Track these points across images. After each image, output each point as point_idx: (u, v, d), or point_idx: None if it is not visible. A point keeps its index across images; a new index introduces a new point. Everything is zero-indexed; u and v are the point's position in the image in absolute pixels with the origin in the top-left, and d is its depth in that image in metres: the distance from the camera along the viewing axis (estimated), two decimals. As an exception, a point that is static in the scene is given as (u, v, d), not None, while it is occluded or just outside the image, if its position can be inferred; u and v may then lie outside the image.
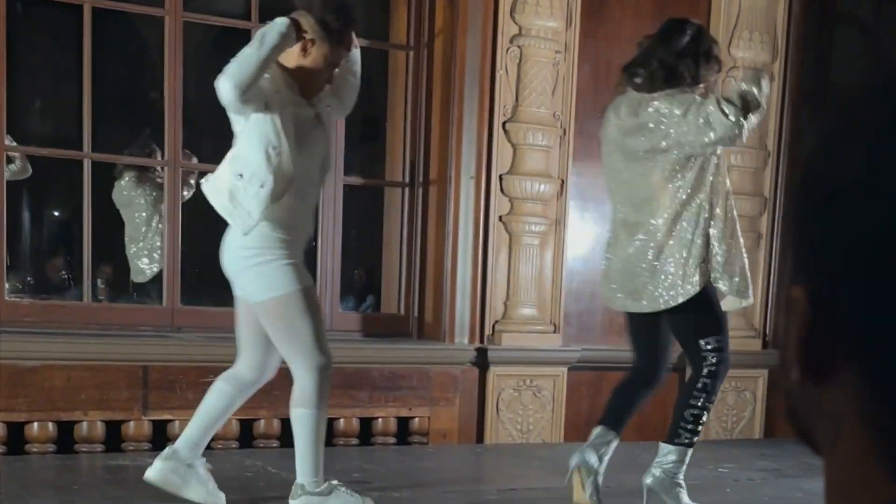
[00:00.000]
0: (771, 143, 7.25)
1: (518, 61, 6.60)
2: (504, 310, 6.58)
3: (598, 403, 6.80)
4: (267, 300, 4.22)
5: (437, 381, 6.39)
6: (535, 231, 6.64)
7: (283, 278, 4.20)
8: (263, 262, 4.20)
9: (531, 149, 6.63)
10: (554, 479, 5.41)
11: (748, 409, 7.17)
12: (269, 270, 4.20)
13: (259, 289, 4.23)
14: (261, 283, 4.21)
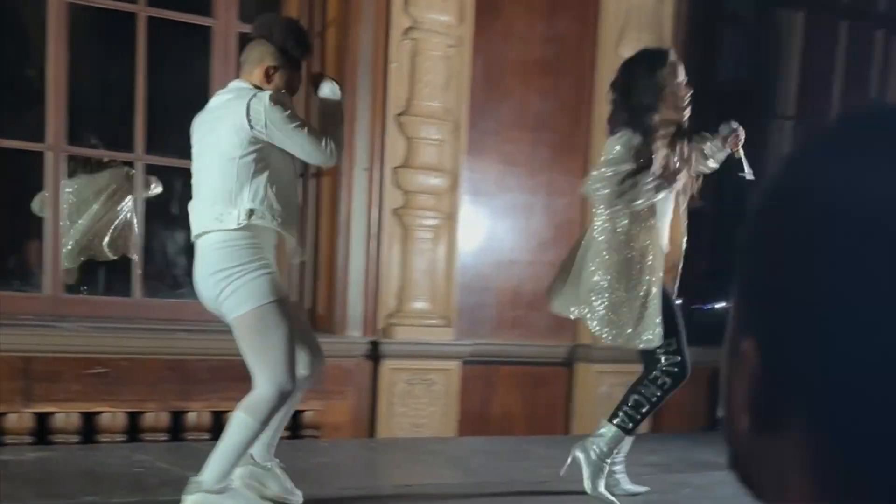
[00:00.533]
0: (658, 142, 7.35)
1: (411, 54, 6.57)
2: (397, 303, 6.55)
3: (490, 397, 6.84)
4: (245, 313, 4.19)
5: (329, 374, 6.28)
6: (429, 225, 6.62)
7: (260, 289, 4.18)
8: (241, 276, 4.16)
9: (424, 142, 6.61)
10: (449, 473, 5.42)
11: (635, 404, 7.26)
12: (247, 283, 4.16)
13: (237, 303, 4.19)
14: (239, 296, 4.17)
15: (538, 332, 6.98)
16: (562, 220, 7.14)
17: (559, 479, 5.31)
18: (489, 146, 6.93)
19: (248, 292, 4.15)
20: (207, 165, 4.22)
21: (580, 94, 7.21)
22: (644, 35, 7.24)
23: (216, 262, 4.17)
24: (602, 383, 7.14)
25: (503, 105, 7.00)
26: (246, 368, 6.03)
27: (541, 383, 7.03)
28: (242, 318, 4.21)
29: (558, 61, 7.16)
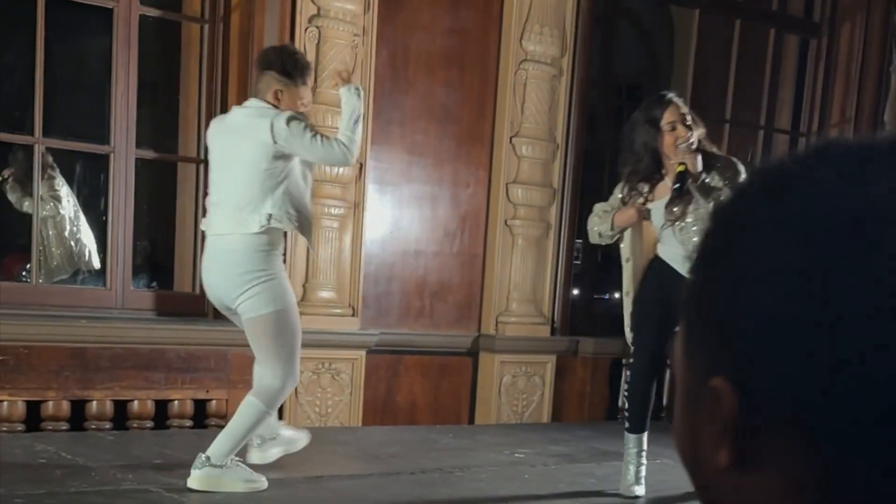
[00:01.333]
0: (560, 135, 7.45)
1: (317, 42, 6.53)
2: (303, 292, 6.50)
3: (395, 386, 6.86)
4: (267, 314, 4.70)
5: (235, 362, 6.25)
6: (334, 214, 6.60)
7: (281, 294, 4.74)
8: (266, 280, 4.68)
9: (329, 131, 6.53)
10: (358, 465, 5.41)
11: (537, 394, 7.34)
12: (271, 287, 4.69)
13: (261, 304, 4.68)
14: (263, 298, 4.68)
15: (443, 321, 7.02)
16: (467, 211, 7.19)
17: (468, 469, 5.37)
18: (395, 136, 6.94)
19: (271, 296, 4.67)
20: (231, 177, 4.72)
21: (484, 85, 7.26)
22: (546, 28, 7.33)
23: (244, 264, 4.66)
24: (505, 373, 7.21)
25: (408, 96, 7.00)
26: (148, 357, 6.00)
27: (445, 373, 7.07)
28: (264, 318, 4.71)
29: (463, 53, 7.19)
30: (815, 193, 0.70)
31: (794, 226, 0.70)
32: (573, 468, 5.66)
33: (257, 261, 4.67)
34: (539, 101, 7.32)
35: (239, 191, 4.68)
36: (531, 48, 7.30)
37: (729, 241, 0.74)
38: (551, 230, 7.45)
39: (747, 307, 0.70)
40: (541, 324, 7.35)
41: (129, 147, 6.43)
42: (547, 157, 7.41)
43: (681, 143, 4.86)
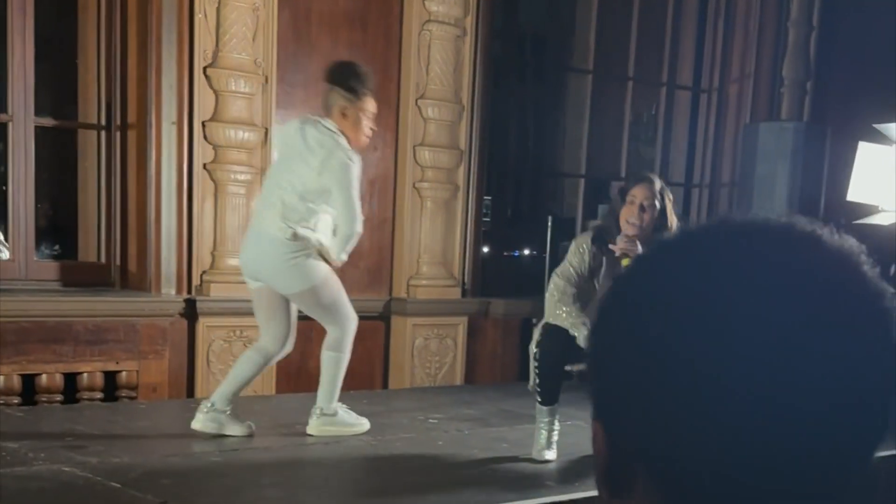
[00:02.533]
0: (465, 96, 7.44)
1: (217, 5, 6.44)
2: (212, 260, 6.45)
3: (308, 352, 6.82)
4: (308, 289, 5.18)
5: (145, 333, 6.18)
6: (241, 180, 6.53)
7: (315, 269, 5.18)
8: (302, 258, 5.12)
9: (234, 96, 6.50)
10: (273, 436, 5.38)
11: (450, 356, 7.38)
12: (306, 264, 5.14)
13: (298, 280, 5.16)
14: (300, 275, 5.15)
15: (354, 285, 6.97)
16: (375, 174, 7.16)
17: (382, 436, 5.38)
18: (299, 100, 6.87)
19: (305, 273, 5.15)
20: (285, 183, 5.12)
21: (389, 47, 7.22)
22: (450, -13, 7.29)
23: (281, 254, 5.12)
24: (417, 336, 7.24)
25: (312, 58, 6.93)
26: (56, 330, 5.91)
27: (358, 337, 6.96)
28: (306, 293, 5.21)
29: (365, 13, 7.13)
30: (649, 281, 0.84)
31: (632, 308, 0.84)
32: (486, 433, 5.69)
33: (284, 251, 5.12)
34: (444, 63, 7.31)
35: (286, 197, 5.11)
36: (434, 8, 7.27)
37: (603, 311, 0.88)
38: (459, 192, 7.46)
39: (607, 368, 0.85)
40: (452, 286, 7.37)
41: (27, 115, 6.29)
42: (453, 118, 7.40)
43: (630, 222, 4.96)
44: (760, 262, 0.80)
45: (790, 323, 0.77)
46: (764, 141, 7.40)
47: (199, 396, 6.31)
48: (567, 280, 5.04)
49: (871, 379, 0.78)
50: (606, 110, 8.85)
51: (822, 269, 0.80)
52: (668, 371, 0.78)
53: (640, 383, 0.80)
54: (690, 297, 0.80)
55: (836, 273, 0.81)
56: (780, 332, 0.76)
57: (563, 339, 4.94)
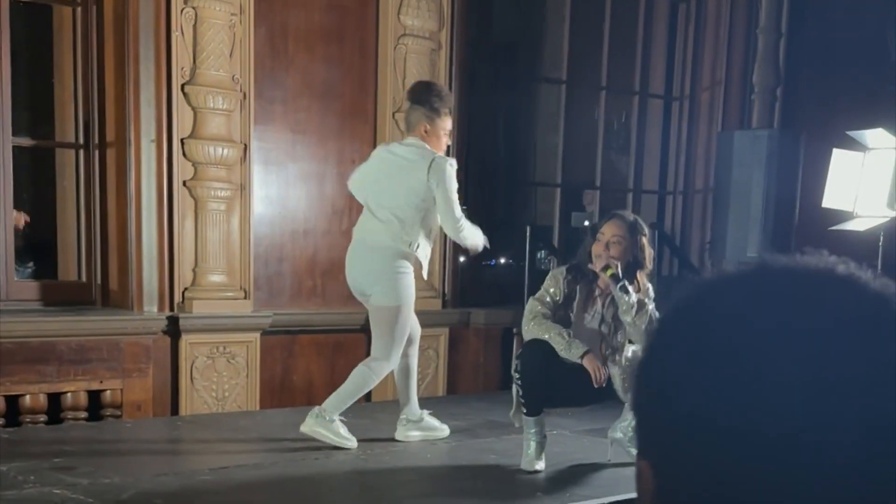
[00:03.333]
0: (442, 108, 7.47)
1: (194, 23, 6.45)
2: (193, 276, 6.46)
3: (291, 367, 6.87)
4: (394, 306, 5.48)
5: (128, 351, 6.19)
6: (221, 196, 6.55)
7: (408, 292, 5.53)
8: (404, 275, 5.50)
9: (212, 112, 6.51)
10: (263, 451, 5.40)
11: (432, 367, 7.41)
12: (404, 282, 5.50)
13: (389, 295, 5.48)
14: (395, 290, 5.47)
15: (336, 299, 7.02)
16: (354, 188, 7.18)
17: (371, 450, 5.40)
18: (278, 115, 6.90)
19: (396, 292, 5.46)
20: (390, 197, 5.51)
21: (365, 61, 7.26)
22: (423, 3, 7.34)
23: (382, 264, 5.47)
24: (399, 347, 7.26)
25: (289, 73, 6.96)
26: (39, 350, 5.90)
27: (340, 350, 7.08)
28: (388, 309, 5.49)
29: (341, 28, 7.17)
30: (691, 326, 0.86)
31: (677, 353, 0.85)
32: (474, 444, 5.73)
33: (393, 264, 5.47)
34: (420, 75, 7.33)
35: (395, 211, 5.48)
36: (409, 22, 7.31)
37: (649, 352, 0.90)
38: (438, 203, 7.48)
39: (655, 412, 0.86)
40: (432, 297, 7.40)
41: (4, 135, 6.28)
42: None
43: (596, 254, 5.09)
44: (800, 308, 0.81)
45: (831, 368, 0.78)
46: (739, 148, 7.49)
47: (184, 414, 6.33)
48: (540, 302, 5.15)
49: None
50: (580, 119, 8.92)
51: (861, 314, 0.81)
52: (714, 418, 0.80)
53: (688, 429, 0.82)
54: (733, 344, 0.81)
55: (875, 318, 0.82)
56: (821, 377, 0.78)
57: (543, 350, 5.00)
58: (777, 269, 0.87)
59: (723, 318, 0.84)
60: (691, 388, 0.82)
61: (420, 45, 7.37)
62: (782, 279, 0.86)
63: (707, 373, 0.81)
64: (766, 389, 0.78)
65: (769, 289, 0.85)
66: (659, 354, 0.89)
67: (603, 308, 5.20)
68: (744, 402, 0.79)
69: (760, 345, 0.80)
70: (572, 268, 5.22)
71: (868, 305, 0.83)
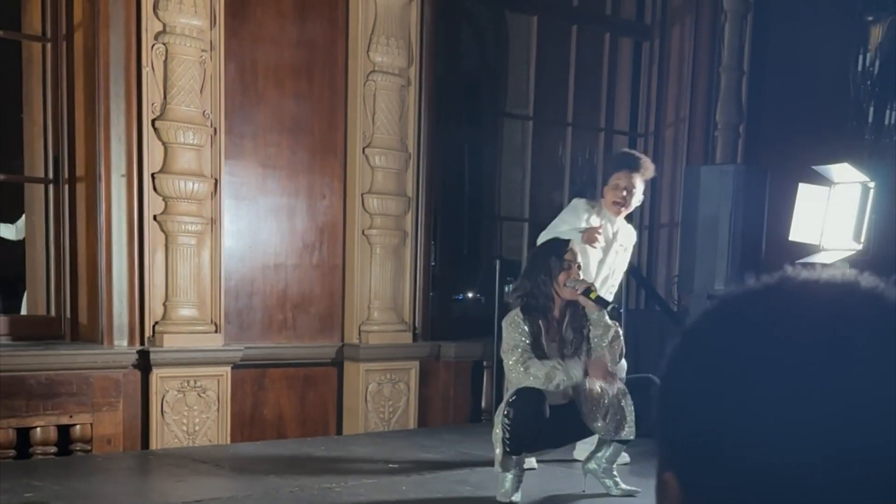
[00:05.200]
0: (411, 145, 7.54)
1: (164, 58, 6.47)
2: (164, 310, 6.44)
3: (262, 400, 6.85)
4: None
5: (98, 385, 6.16)
6: (192, 230, 6.55)
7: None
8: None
9: (182, 147, 6.52)
10: (235, 485, 5.39)
11: (403, 400, 7.41)
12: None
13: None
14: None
15: (306, 333, 7.04)
16: (324, 222, 7.22)
17: (346, 483, 5.40)
18: (248, 150, 6.93)
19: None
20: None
21: (334, 97, 7.30)
22: (392, 40, 7.41)
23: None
24: (370, 381, 7.27)
25: (259, 109, 7.00)
26: (8, 384, 5.86)
27: (311, 384, 7.09)
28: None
29: (311, 64, 7.22)
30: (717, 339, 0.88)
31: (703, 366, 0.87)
32: (448, 475, 5.73)
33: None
34: (389, 112, 7.40)
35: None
36: (378, 59, 7.37)
37: (673, 366, 0.91)
38: (408, 238, 7.54)
39: (682, 425, 0.88)
40: (403, 331, 7.43)
41: (-25, 170, 6.27)
42: (400, 166, 7.49)
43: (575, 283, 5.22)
44: (825, 321, 0.83)
45: (858, 380, 0.80)
46: (705, 183, 7.57)
47: (154, 447, 6.29)
48: (519, 354, 5.19)
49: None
50: (546, 155, 9.00)
51: (886, 326, 0.83)
52: (741, 429, 0.82)
53: (717, 440, 0.83)
54: (760, 356, 0.83)
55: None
56: (848, 389, 0.79)
57: (535, 400, 5.04)
58: (800, 283, 0.89)
59: (749, 330, 0.86)
60: (719, 400, 0.84)
61: (390, 81, 7.43)
62: (806, 292, 0.87)
63: (734, 385, 0.83)
64: (791, 401, 0.80)
65: (794, 302, 0.86)
66: (684, 367, 0.90)
67: (562, 331, 5.26)
68: (769, 414, 0.81)
69: (787, 357, 0.82)
70: (526, 307, 5.27)
71: (892, 317, 0.84)
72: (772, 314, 0.86)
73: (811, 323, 0.83)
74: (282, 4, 7.10)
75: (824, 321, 0.83)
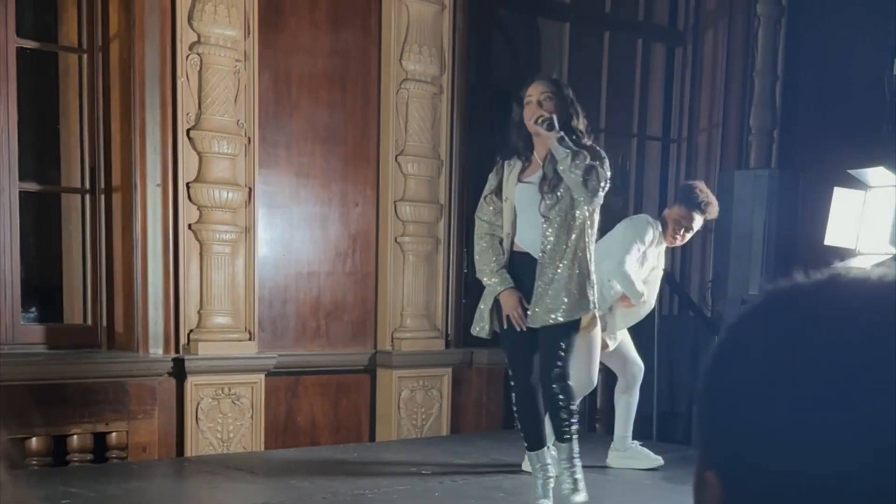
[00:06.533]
0: (444, 152, 7.58)
1: (199, 69, 6.54)
2: (198, 318, 6.50)
3: (295, 407, 6.89)
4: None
5: (134, 393, 6.22)
6: (226, 239, 6.61)
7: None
8: None
9: (217, 157, 6.59)
10: (269, 492, 5.43)
11: (435, 407, 7.44)
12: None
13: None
14: None
15: (339, 340, 7.08)
16: (357, 230, 7.26)
17: (378, 489, 5.43)
18: (282, 159, 6.98)
19: None
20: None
21: (367, 105, 7.35)
22: (425, 48, 7.45)
23: None
24: (403, 388, 7.30)
25: (293, 118, 7.05)
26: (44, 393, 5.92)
27: (344, 391, 7.13)
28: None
29: (344, 73, 7.26)
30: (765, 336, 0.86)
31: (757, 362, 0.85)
32: (481, 482, 5.75)
33: None
34: (422, 120, 7.44)
35: None
36: (411, 67, 7.41)
37: (719, 361, 0.90)
38: (440, 245, 7.58)
39: (727, 423, 0.86)
40: (435, 337, 7.46)
41: (11, 181, 6.34)
42: (432, 173, 7.53)
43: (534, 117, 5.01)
44: (876, 319, 0.81)
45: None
46: (739, 188, 7.56)
47: (189, 455, 6.35)
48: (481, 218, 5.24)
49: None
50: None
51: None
52: (788, 429, 0.81)
53: (764, 439, 0.82)
54: (811, 353, 0.81)
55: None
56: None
57: (532, 385, 5.04)
58: (851, 280, 0.87)
59: (798, 327, 0.84)
60: (766, 399, 0.82)
61: (422, 89, 7.47)
62: (858, 289, 0.85)
63: (782, 384, 0.82)
64: (843, 402, 0.79)
65: (846, 299, 0.84)
66: (730, 364, 0.88)
67: (543, 166, 5.09)
68: (819, 415, 0.79)
69: (839, 356, 0.80)
70: (508, 154, 5.20)
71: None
72: (823, 312, 0.84)
73: (864, 321, 0.81)
74: (315, 14, 7.15)
75: (878, 319, 0.81)
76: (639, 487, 5.79)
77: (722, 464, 0.86)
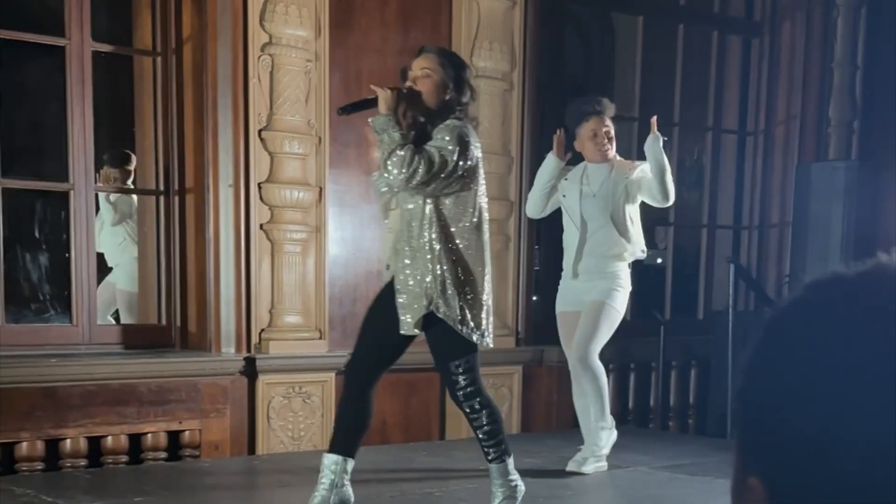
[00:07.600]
0: (514, 149, 7.57)
1: (270, 70, 6.60)
2: (270, 318, 6.58)
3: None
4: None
5: (206, 392, 6.31)
6: (297, 239, 6.67)
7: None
8: None
9: (288, 157, 6.65)
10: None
11: (506, 404, 7.43)
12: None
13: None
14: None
15: (410, 339, 7.09)
16: (427, 229, 7.26)
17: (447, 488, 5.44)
18: (352, 158, 7.01)
19: None
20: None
21: (437, 103, 7.33)
22: (495, 44, 7.44)
23: None
24: (474, 386, 7.29)
25: (363, 118, 7.05)
26: (120, 392, 6.03)
27: (414, 389, 7.15)
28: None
29: (414, 72, 7.26)
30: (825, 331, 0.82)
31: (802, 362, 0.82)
32: (550, 482, 5.72)
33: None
34: (493, 117, 7.44)
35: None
36: (482, 64, 7.40)
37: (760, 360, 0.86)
38: (511, 242, 7.57)
39: (774, 425, 0.82)
40: (506, 335, 7.45)
41: (87, 183, 6.46)
42: (503, 171, 7.52)
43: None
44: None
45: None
46: (817, 181, 7.45)
47: (260, 453, 6.42)
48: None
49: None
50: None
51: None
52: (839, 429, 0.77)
53: (812, 442, 0.78)
54: (859, 351, 0.78)
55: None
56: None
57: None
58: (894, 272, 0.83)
59: (843, 322, 0.81)
60: (816, 398, 0.79)
61: (493, 86, 7.46)
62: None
63: (835, 381, 0.78)
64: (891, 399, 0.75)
65: (892, 290, 0.81)
66: (772, 364, 0.84)
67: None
68: (870, 416, 0.76)
69: (888, 351, 0.76)
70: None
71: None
72: (868, 304, 0.80)
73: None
74: (385, 14, 7.18)
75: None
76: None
77: (766, 469, 0.82)
